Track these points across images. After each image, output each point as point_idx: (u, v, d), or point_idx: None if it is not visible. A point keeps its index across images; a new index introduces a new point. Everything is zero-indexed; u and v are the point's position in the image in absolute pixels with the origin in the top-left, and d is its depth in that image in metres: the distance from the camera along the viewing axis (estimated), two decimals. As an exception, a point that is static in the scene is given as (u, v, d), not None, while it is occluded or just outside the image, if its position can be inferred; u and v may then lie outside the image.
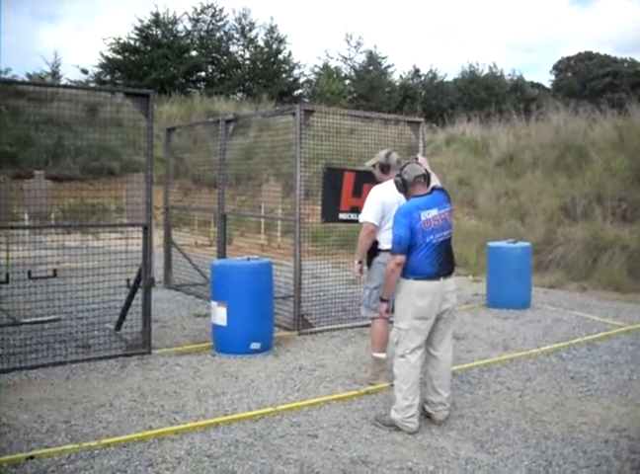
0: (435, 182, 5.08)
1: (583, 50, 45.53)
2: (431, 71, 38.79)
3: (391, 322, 5.28)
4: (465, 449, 4.42)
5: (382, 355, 5.87)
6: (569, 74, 44.70)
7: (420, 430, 4.70)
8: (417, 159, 5.42)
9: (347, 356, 6.68)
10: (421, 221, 4.68)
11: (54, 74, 29.97)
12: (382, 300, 5.01)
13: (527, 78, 42.38)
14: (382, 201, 5.81)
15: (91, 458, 4.18)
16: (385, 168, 6.07)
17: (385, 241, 5.67)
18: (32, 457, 4.12)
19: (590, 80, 41.37)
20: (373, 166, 6.22)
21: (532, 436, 4.65)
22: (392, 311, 5.09)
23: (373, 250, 5.92)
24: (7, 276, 9.77)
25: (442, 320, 4.84)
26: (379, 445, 4.48)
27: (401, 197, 5.35)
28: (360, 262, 5.99)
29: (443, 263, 4.78)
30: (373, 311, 5.76)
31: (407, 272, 4.74)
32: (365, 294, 6.03)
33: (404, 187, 4.91)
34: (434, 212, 4.74)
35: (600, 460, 4.27)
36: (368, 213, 5.86)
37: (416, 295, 4.70)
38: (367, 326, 7.70)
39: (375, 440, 4.56)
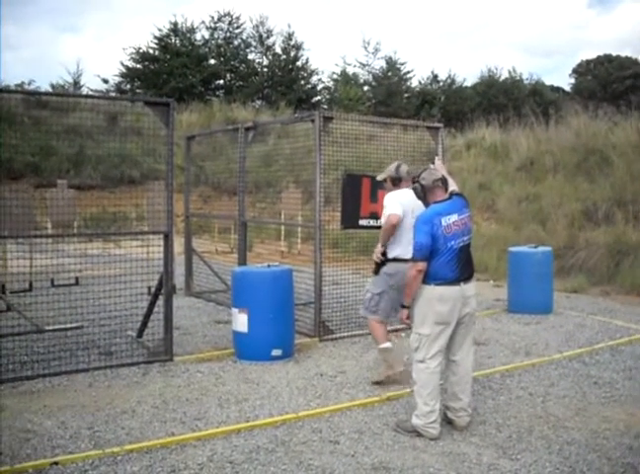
0: (452, 186, 5.08)
1: (602, 53, 45.20)
2: (449, 76, 38.65)
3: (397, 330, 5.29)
4: (487, 456, 4.40)
5: (388, 345, 6.08)
6: (589, 77, 44.35)
7: (441, 436, 4.69)
8: (433, 164, 5.46)
9: (367, 363, 6.67)
10: (442, 227, 4.68)
11: (76, 84, 30.30)
12: (403, 307, 4.99)
13: (547, 82, 42.18)
14: (401, 202, 5.87)
15: (114, 464, 4.21)
16: (396, 181, 6.16)
17: (392, 251, 5.92)
18: (56, 463, 4.17)
19: (610, 83, 41.03)
20: (384, 180, 6.32)
21: (555, 443, 4.62)
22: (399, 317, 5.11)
23: (384, 260, 6.02)
24: (30, 283, 9.92)
25: (463, 325, 4.83)
26: (401, 451, 4.47)
27: (415, 206, 5.50)
28: (383, 249, 6.01)
29: (464, 267, 4.78)
30: (371, 313, 6.12)
31: (428, 277, 4.73)
32: (367, 297, 6.22)
33: (423, 192, 4.89)
34: (454, 218, 4.74)
35: (624, 467, 4.23)
36: (393, 207, 5.89)
37: (437, 301, 4.69)
38: (389, 332, 7.70)
39: (397, 446, 4.56)
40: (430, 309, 4.71)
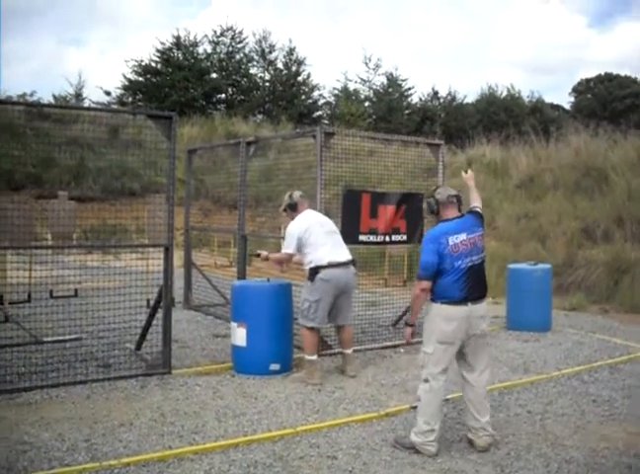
0: (475, 202, 5.16)
1: (603, 72, 45.43)
2: (450, 93, 38.84)
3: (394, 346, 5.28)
4: (485, 473, 4.38)
5: (313, 357, 6.49)
6: (589, 96, 44.57)
7: (439, 452, 4.67)
8: (466, 172, 5.55)
9: (366, 378, 6.66)
10: (449, 246, 4.65)
11: (78, 96, 30.41)
12: (407, 325, 4.97)
13: (547, 100, 42.30)
14: (300, 224, 6.55)
15: (111, 478, 4.19)
16: (293, 206, 6.73)
17: (321, 259, 6.40)
18: (52, 476, 4.15)
19: (610, 101, 41.24)
20: (284, 210, 6.82)
21: (554, 461, 4.60)
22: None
23: (315, 267, 6.42)
24: (29, 295, 9.91)
25: (470, 346, 4.78)
26: (399, 468, 4.46)
27: (318, 218, 6.53)
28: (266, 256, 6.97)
29: (472, 288, 4.73)
30: (311, 321, 6.44)
31: (435, 295, 4.72)
32: (305, 306, 6.48)
33: (437, 206, 4.89)
34: (462, 237, 4.71)
35: (623, 486, 4.22)
36: (287, 245, 6.59)
37: (442, 319, 4.66)
38: (387, 348, 7.73)
39: (395, 463, 4.54)
40: (435, 327, 4.69)
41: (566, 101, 47.96)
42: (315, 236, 6.46)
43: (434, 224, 5.06)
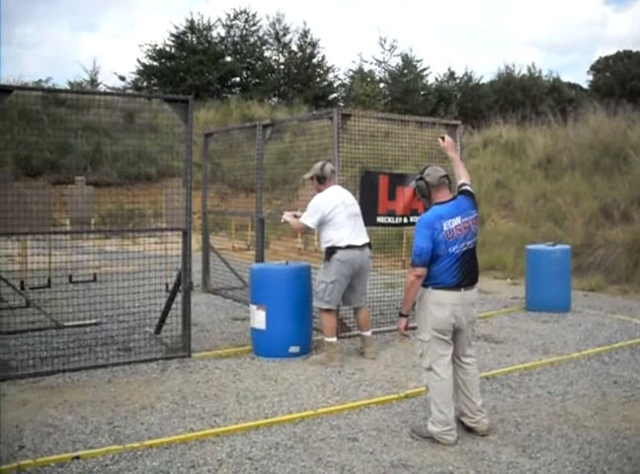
0: (463, 178, 4.84)
1: (622, 50, 44.77)
2: (466, 73, 38.50)
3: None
4: (507, 454, 4.38)
5: (333, 340, 6.50)
6: (607, 74, 43.98)
7: (460, 434, 4.66)
8: (443, 138, 5.09)
9: (385, 360, 6.66)
10: (443, 232, 4.47)
11: (93, 82, 30.43)
12: (401, 315, 4.74)
13: (564, 79, 41.87)
14: (329, 201, 6.47)
15: (134, 459, 4.24)
16: (322, 179, 6.62)
17: (340, 240, 6.38)
18: (77, 457, 4.20)
19: (629, 79, 40.67)
20: (311, 178, 6.71)
21: (575, 442, 4.59)
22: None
23: (332, 247, 6.40)
24: (49, 280, 10.00)
25: (463, 332, 4.66)
26: (420, 449, 4.46)
27: (344, 198, 6.38)
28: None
29: (465, 273, 4.57)
30: (325, 303, 6.44)
31: (427, 281, 4.55)
32: (321, 287, 6.46)
33: (428, 190, 4.65)
34: (457, 221, 4.52)
35: (645, 467, 4.20)
36: (309, 218, 6.54)
37: (434, 306, 4.52)
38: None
39: (416, 444, 4.55)
40: (428, 314, 4.56)
41: (584, 79, 47.50)
42: (339, 217, 6.43)
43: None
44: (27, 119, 19.56)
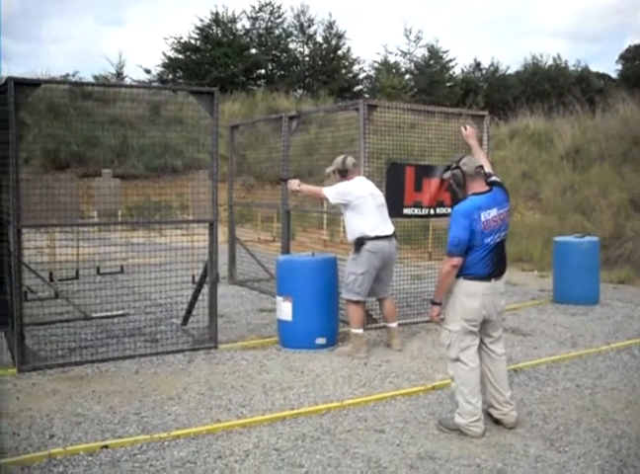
0: (486, 167, 4.85)
1: (651, 39, 43.99)
2: (492, 64, 38.13)
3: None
4: (535, 447, 4.35)
5: (360, 331, 6.51)
6: (637, 63, 43.26)
7: (487, 426, 4.63)
8: (465, 128, 5.32)
9: (412, 352, 6.65)
10: (481, 222, 4.45)
11: (119, 75, 30.62)
12: (434, 303, 4.73)
13: (593, 69, 41.20)
14: (358, 188, 6.51)
15: (161, 449, 4.27)
16: (343, 173, 6.63)
17: (371, 229, 6.38)
18: (106, 446, 4.25)
19: (659, 69, 39.98)
20: (333, 172, 6.71)
21: (605, 436, 4.54)
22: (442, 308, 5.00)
23: (362, 238, 6.39)
24: (77, 272, 10.11)
25: (492, 322, 4.64)
26: (446, 441, 4.44)
27: (371, 189, 6.41)
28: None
29: (497, 264, 4.57)
30: (355, 294, 6.44)
31: (460, 271, 4.53)
32: (350, 279, 6.46)
33: (464, 180, 4.62)
34: (493, 212, 4.51)
35: (676, 461, 4.14)
36: (337, 194, 6.52)
37: (465, 296, 4.51)
38: (432, 321, 7.67)
39: (442, 436, 4.53)
40: (458, 304, 4.55)
41: (612, 69, 46.79)
42: (367, 206, 6.45)
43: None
44: (54, 113, 19.75)
